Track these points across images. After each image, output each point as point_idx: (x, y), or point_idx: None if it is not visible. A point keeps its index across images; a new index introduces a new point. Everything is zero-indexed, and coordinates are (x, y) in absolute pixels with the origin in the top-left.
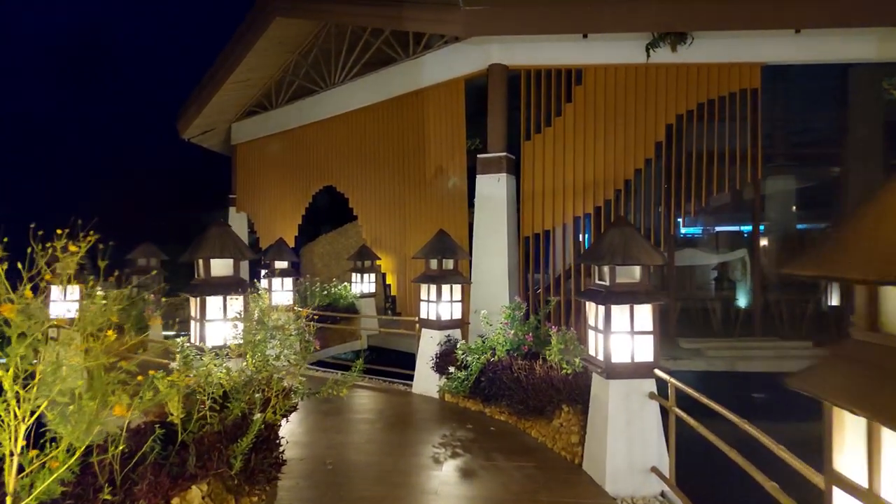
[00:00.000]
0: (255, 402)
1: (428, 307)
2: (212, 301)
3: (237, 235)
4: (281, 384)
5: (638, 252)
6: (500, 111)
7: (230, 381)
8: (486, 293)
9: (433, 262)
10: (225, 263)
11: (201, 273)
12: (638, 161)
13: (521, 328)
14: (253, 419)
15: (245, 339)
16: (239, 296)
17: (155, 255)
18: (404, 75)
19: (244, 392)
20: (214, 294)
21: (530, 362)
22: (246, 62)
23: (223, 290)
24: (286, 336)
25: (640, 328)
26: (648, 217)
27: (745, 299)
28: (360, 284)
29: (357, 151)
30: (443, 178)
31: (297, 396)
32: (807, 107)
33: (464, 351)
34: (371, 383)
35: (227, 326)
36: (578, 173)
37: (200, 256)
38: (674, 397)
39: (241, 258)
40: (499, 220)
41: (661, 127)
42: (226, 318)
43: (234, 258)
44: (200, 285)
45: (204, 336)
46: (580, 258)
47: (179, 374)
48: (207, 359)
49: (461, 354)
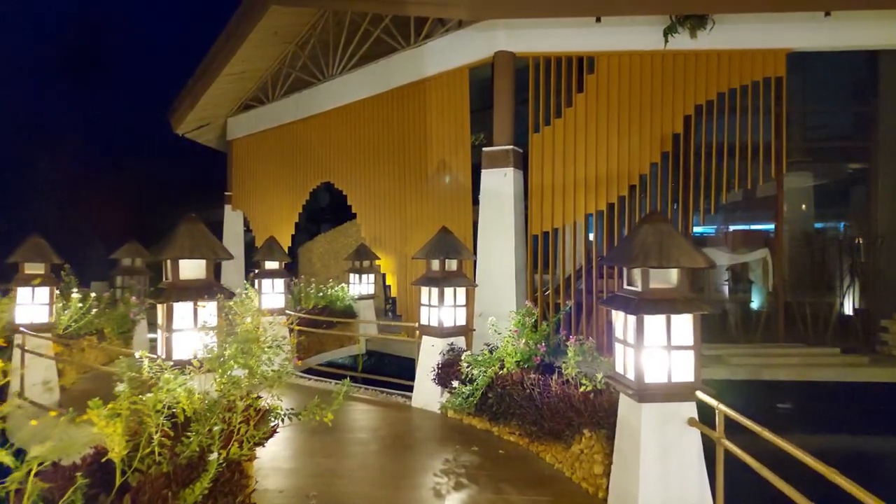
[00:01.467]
0: (214, 436)
1: (429, 312)
2: (180, 308)
3: (210, 233)
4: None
5: (677, 253)
6: (506, 101)
7: (191, 405)
8: (491, 296)
9: (435, 262)
10: (196, 265)
11: (169, 276)
12: (654, 154)
13: (533, 336)
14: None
15: (212, 354)
16: (211, 301)
17: (141, 255)
18: (405, 65)
19: (207, 420)
20: (182, 299)
21: (544, 377)
22: (241, 53)
23: (193, 295)
24: (261, 350)
25: (678, 342)
26: (666, 212)
27: (767, 303)
28: (358, 285)
29: (356, 146)
30: (446, 173)
31: (275, 419)
32: (827, 98)
33: (469, 363)
34: (367, 395)
35: (198, 337)
36: (590, 168)
37: (168, 257)
38: (722, 426)
39: (214, 258)
40: (505, 217)
41: (679, 118)
42: (196, 327)
43: (206, 259)
44: (167, 290)
45: (170, 348)
46: (604, 259)
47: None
48: (166, 377)
49: (466, 367)
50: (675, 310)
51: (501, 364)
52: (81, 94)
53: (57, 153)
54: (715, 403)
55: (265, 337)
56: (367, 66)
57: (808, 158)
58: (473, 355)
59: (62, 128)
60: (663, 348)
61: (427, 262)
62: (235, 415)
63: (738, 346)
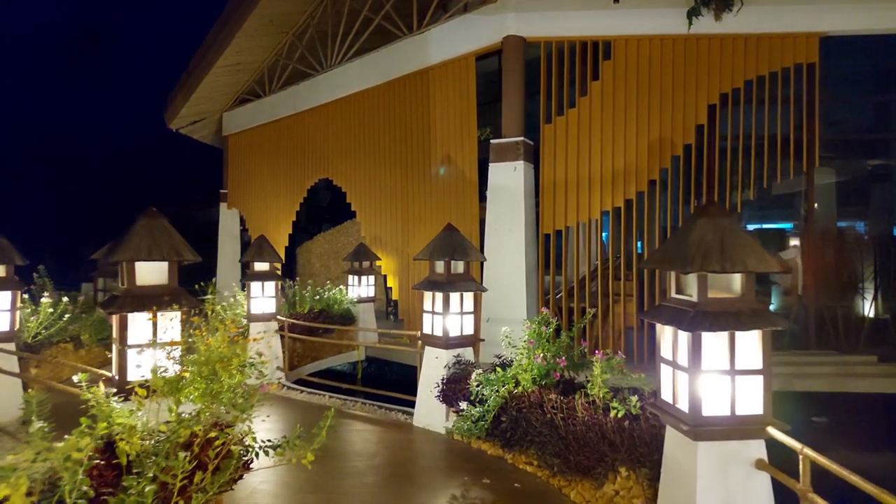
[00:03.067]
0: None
1: (432, 320)
2: (135, 319)
3: (173, 230)
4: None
5: (743, 253)
6: (516, 90)
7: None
8: (500, 300)
9: (439, 264)
10: (155, 268)
11: (124, 281)
12: (675, 147)
13: (550, 348)
14: None
15: (165, 379)
16: (174, 312)
17: None
18: (407, 54)
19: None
20: (139, 309)
21: (567, 398)
22: (235, 44)
23: (151, 304)
24: (230, 374)
25: (744, 366)
26: (687, 210)
27: (795, 307)
28: (357, 288)
29: (355, 141)
30: (451, 168)
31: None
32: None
33: (479, 383)
34: (364, 411)
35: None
36: (606, 161)
37: (123, 258)
38: (808, 476)
39: (178, 260)
40: (515, 214)
41: (703, 108)
42: (156, 342)
43: (168, 260)
44: (120, 298)
45: (124, 368)
46: (647, 262)
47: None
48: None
49: (476, 387)
50: (741, 325)
51: (516, 381)
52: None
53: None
54: (798, 446)
55: (240, 354)
56: (366, 56)
57: (830, 154)
58: (484, 374)
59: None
60: (725, 373)
61: (430, 263)
62: (195, 454)
63: None
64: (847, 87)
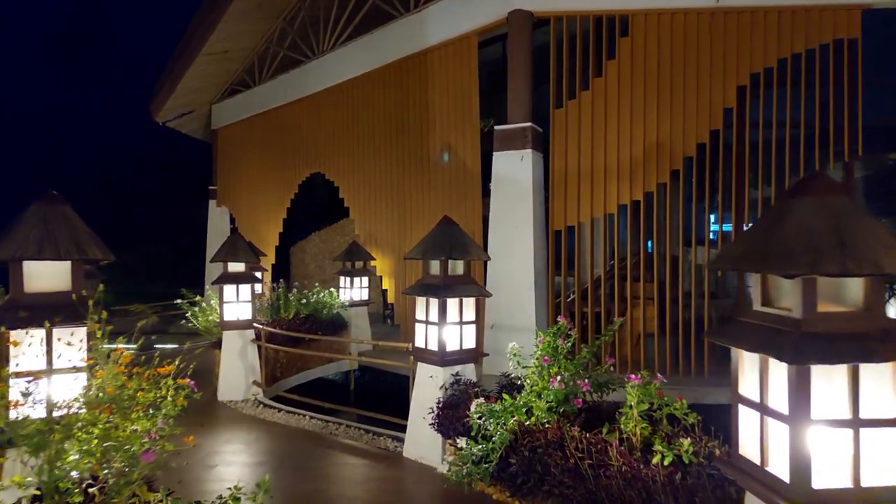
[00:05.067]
0: None
1: (426, 331)
2: (24, 338)
3: (78, 220)
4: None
5: (873, 248)
6: (523, 71)
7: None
8: (506, 305)
9: (434, 264)
10: (51, 270)
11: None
12: (701, 133)
13: (569, 367)
14: None
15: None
16: (78, 328)
17: None
18: (403, 35)
19: None
20: (29, 324)
21: (594, 434)
22: (222, 29)
23: (44, 318)
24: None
25: (873, 413)
26: (712, 203)
27: None
28: (349, 290)
29: (348, 131)
30: (451, 158)
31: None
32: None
33: (481, 415)
34: (348, 436)
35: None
36: (624, 149)
37: (5, 257)
38: None
39: (82, 259)
40: (522, 209)
41: (732, 90)
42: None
43: (69, 259)
44: (3, 308)
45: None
46: (718, 261)
47: None
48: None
49: (477, 419)
50: (869, 354)
51: (528, 410)
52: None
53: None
54: None
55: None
56: (360, 39)
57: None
58: (487, 405)
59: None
60: (845, 424)
61: (424, 263)
62: None
63: None
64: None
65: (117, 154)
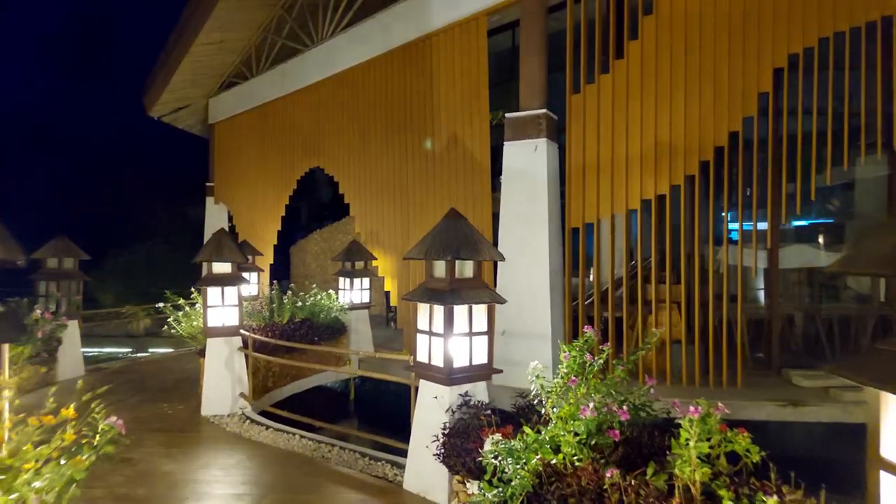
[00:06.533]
0: None
1: (429, 344)
2: None
3: None
4: None
5: None
6: (537, 50)
7: None
8: (517, 310)
9: (439, 265)
10: None
11: None
12: (733, 121)
13: (600, 388)
14: None
15: None
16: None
17: (71, 254)
18: (406, 18)
19: None
20: None
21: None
22: (217, 16)
23: None
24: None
25: None
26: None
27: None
28: (349, 292)
29: (348, 123)
30: (458, 150)
31: None
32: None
33: (496, 454)
34: (341, 461)
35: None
36: (648, 139)
37: None
38: None
39: None
40: (537, 204)
41: (767, 72)
42: None
43: None
44: None
45: None
46: (847, 262)
47: None
48: None
49: (491, 458)
50: None
51: (556, 448)
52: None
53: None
54: None
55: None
56: (360, 25)
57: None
58: (505, 442)
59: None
60: None
61: (427, 264)
62: None
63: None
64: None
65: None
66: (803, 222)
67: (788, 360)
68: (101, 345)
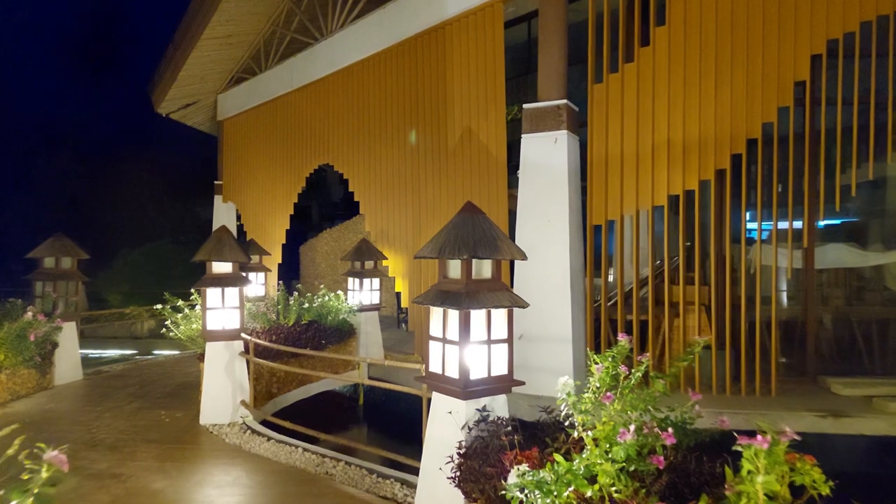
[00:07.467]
0: None
1: (443, 353)
2: None
3: None
4: None
5: None
6: (556, 37)
7: None
8: (536, 314)
9: (454, 264)
10: None
11: None
12: (767, 111)
13: (638, 404)
14: None
15: None
16: None
17: (69, 253)
18: (418, 7)
19: None
20: None
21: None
22: (225, 9)
23: None
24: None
25: None
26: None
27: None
28: (358, 293)
29: (358, 117)
30: (473, 145)
31: None
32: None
33: (522, 488)
34: (345, 478)
35: None
36: (675, 131)
37: None
38: None
39: None
40: (556, 199)
41: (804, 59)
42: None
43: None
44: None
45: None
46: None
47: None
48: None
49: (517, 493)
50: None
51: (590, 477)
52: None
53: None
54: None
55: None
56: (370, 16)
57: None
58: (533, 473)
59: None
60: None
61: (440, 263)
62: None
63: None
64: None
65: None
66: (835, 221)
67: (821, 366)
68: (104, 347)
